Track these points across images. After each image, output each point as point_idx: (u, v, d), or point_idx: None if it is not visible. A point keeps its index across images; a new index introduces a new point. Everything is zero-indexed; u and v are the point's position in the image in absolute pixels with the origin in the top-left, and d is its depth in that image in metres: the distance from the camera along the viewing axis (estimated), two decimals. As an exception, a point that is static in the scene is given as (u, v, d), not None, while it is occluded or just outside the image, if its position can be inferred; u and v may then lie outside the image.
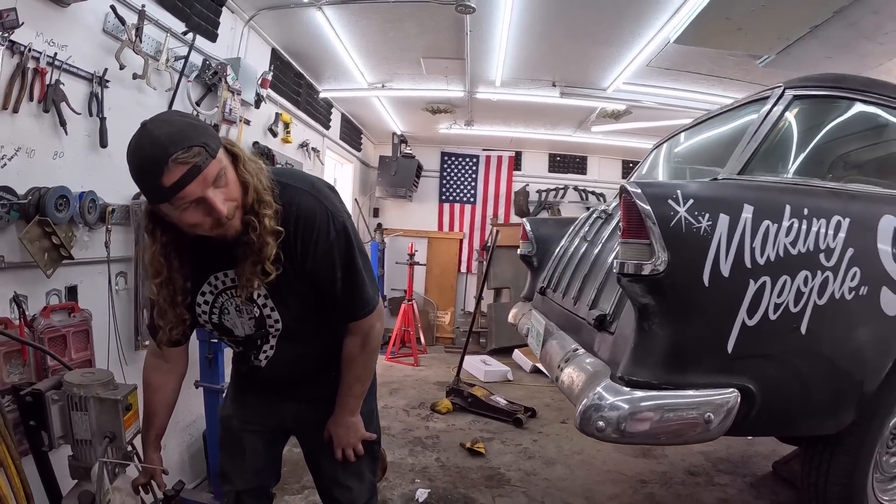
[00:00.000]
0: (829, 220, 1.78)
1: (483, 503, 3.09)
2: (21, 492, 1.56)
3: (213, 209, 1.27)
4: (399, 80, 5.13)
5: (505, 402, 4.67)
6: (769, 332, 1.71)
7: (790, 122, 2.16)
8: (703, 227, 1.64)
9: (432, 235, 8.33)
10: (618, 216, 2.39)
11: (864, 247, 1.82)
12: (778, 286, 1.70)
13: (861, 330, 1.83)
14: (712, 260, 1.65)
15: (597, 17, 3.59)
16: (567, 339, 2.39)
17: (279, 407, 1.78)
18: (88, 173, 2.33)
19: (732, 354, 1.69)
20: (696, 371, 1.69)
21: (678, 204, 1.64)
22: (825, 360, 1.81)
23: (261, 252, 1.35)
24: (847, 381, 1.84)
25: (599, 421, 1.65)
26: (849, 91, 2.17)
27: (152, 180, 1.20)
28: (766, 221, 1.70)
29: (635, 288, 1.70)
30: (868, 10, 2.99)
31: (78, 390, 1.63)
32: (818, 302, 1.74)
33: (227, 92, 3.14)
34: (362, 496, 1.84)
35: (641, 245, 1.65)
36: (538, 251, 3.52)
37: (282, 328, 1.55)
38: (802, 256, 1.73)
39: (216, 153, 1.27)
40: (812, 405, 1.85)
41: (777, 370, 1.77)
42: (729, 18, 3.27)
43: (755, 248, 1.69)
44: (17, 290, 2.02)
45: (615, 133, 6.55)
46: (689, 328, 1.70)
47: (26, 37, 1.95)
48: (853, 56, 3.65)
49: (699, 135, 3.00)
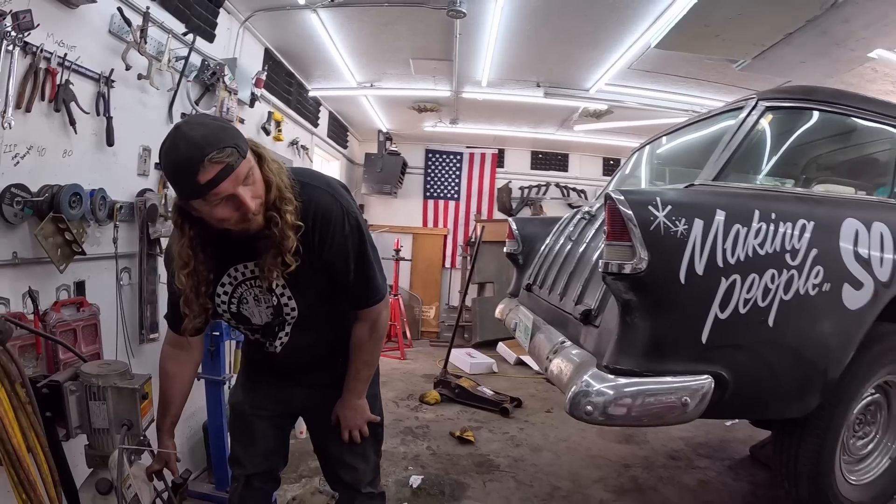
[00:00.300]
0: (794, 223, 1.95)
1: (475, 488, 3.21)
2: (49, 477, 1.63)
3: (242, 205, 1.37)
4: (388, 80, 5.23)
5: (491, 393, 4.79)
6: (739, 324, 1.87)
7: (762, 132, 2.33)
8: (679, 231, 1.80)
9: (417, 231, 8.43)
10: (601, 217, 2.54)
11: (827, 247, 1.99)
12: (747, 283, 1.87)
13: (824, 322, 2.01)
14: (688, 260, 1.81)
15: (582, 23, 3.74)
16: (554, 332, 2.53)
17: (289, 392, 1.88)
18: (95, 171, 2.40)
19: (707, 344, 1.85)
20: (673, 359, 1.86)
21: (657, 210, 1.79)
22: (791, 350, 1.98)
23: (282, 245, 1.46)
24: (812, 369, 2.01)
25: (587, 406, 1.81)
26: (818, 102, 2.35)
27: (189, 178, 1.30)
28: (736, 225, 1.87)
29: (619, 285, 1.85)
30: (839, 19, 3.17)
31: (97, 380, 1.71)
32: (784, 297, 1.91)
33: (224, 91, 3.21)
34: (367, 476, 1.95)
35: (624, 246, 1.80)
36: (524, 249, 3.64)
37: (297, 316, 1.66)
38: (770, 256, 1.90)
39: (246, 153, 1.37)
40: (780, 390, 2.02)
41: (747, 358, 1.94)
42: (707, 25, 3.44)
43: (726, 248, 1.85)
44: (30, 286, 2.09)
45: (597, 132, 6.73)
46: (667, 321, 1.86)
47: (38, 38, 2.01)
48: (825, 61, 3.85)
49: (680, 139, 3.16)
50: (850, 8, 3.03)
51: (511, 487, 3.23)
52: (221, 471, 2.93)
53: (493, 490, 3.18)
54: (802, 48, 3.65)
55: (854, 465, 2.39)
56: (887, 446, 2.44)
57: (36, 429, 1.63)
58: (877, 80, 4.28)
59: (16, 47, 1.91)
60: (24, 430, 1.58)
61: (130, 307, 2.67)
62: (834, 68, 3.99)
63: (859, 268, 2.04)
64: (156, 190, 2.81)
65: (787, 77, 4.29)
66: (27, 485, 1.53)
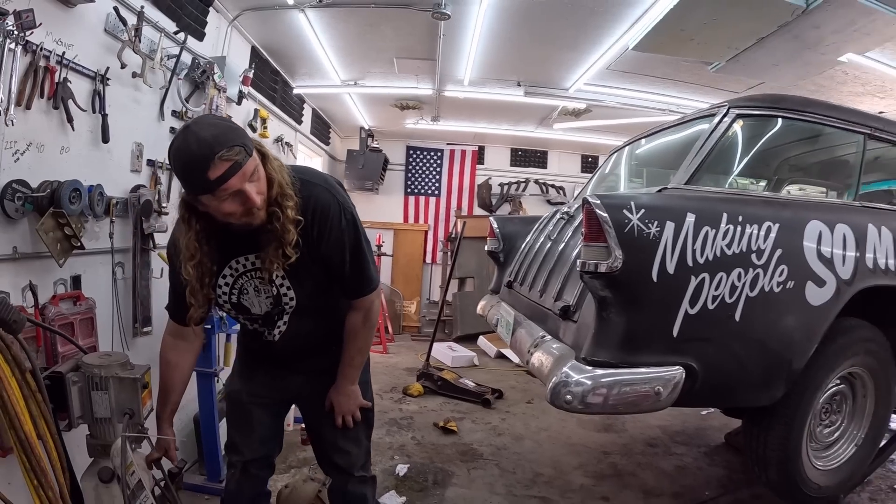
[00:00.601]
0: (760, 225, 2.08)
1: (459, 475, 3.32)
2: (58, 463, 1.68)
3: (248, 200, 1.46)
4: (371, 78, 5.30)
5: (473, 385, 4.92)
6: (708, 319, 2.00)
7: (733, 139, 2.46)
8: (652, 233, 1.92)
9: (398, 227, 8.52)
10: (579, 217, 2.67)
11: (791, 248, 2.13)
12: (715, 281, 2.00)
13: (788, 317, 2.14)
14: (660, 259, 1.93)
15: (562, 25, 3.87)
16: (535, 327, 2.64)
17: (285, 380, 1.97)
18: (91, 167, 2.44)
19: (677, 338, 1.97)
20: (647, 352, 1.98)
21: (631, 213, 1.91)
22: (757, 343, 2.11)
23: (283, 238, 1.55)
24: (777, 360, 2.15)
25: (567, 395, 1.93)
26: (786, 110, 2.48)
27: (199, 174, 1.39)
28: (705, 227, 1.99)
29: (595, 283, 1.96)
30: (809, 25, 3.34)
31: (99, 371, 1.77)
32: (750, 294, 2.04)
33: (213, 89, 3.26)
34: (360, 459, 2.05)
35: (600, 247, 1.91)
36: (505, 247, 3.74)
37: (295, 305, 1.75)
38: (737, 256, 2.03)
39: (252, 152, 1.47)
40: (747, 380, 2.15)
41: (716, 351, 2.07)
42: (683, 30, 3.59)
43: (696, 249, 1.97)
44: (30, 280, 2.13)
45: (575, 130, 6.89)
46: (640, 316, 1.98)
47: (38, 36, 2.05)
48: (797, 64, 4.04)
49: (656, 141, 3.29)
50: (820, 14, 3.19)
51: (495, 474, 3.35)
52: (213, 462, 3.00)
53: (478, 477, 3.30)
54: (775, 52, 3.83)
55: (821, 452, 2.53)
56: (853, 434, 2.58)
57: (46, 416, 1.69)
58: (847, 83, 4.49)
59: (18, 46, 1.95)
60: (35, 418, 1.63)
61: (124, 301, 2.71)
62: (805, 71, 4.18)
63: (822, 267, 2.17)
64: (148, 186, 2.85)
65: (760, 79, 4.48)
66: (38, 470, 1.59)
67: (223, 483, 2.84)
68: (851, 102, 4.98)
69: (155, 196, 2.81)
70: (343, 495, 2.08)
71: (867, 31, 3.38)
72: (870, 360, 2.48)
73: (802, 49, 3.75)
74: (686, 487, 3.17)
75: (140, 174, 2.82)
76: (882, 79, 4.33)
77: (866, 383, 2.55)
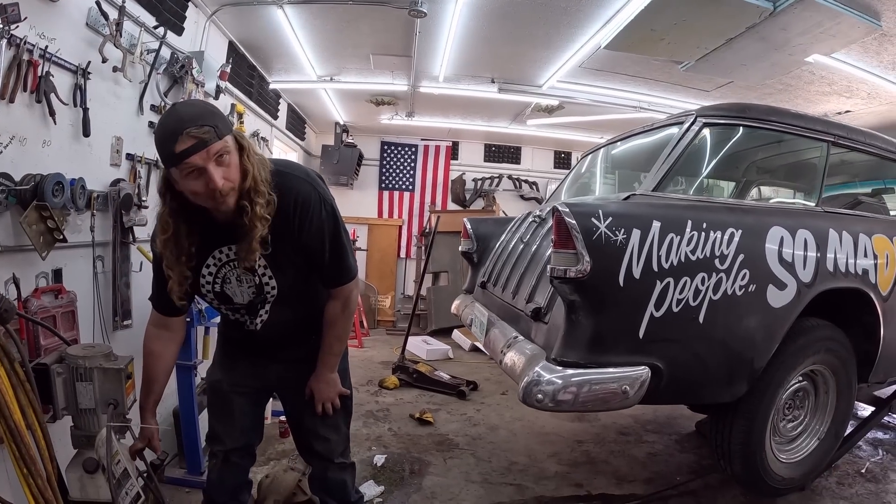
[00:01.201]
0: (724, 231, 2.19)
1: (436, 464, 3.40)
2: (46, 453, 1.71)
3: (210, 180, 1.51)
4: (347, 74, 5.34)
5: (448, 377, 5.00)
6: (672, 321, 2.11)
7: (700, 147, 2.56)
8: (619, 240, 2.01)
9: (372, 222, 8.56)
10: (550, 221, 2.77)
11: (753, 253, 2.24)
12: (679, 285, 2.10)
13: (750, 319, 2.26)
14: (626, 265, 2.02)
15: (536, 24, 3.96)
16: (507, 328, 2.72)
17: (265, 369, 2.02)
18: (72, 161, 2.45)
19: (643, 339, 2.08)
20: (614, 352, 2.08)
21: (599, 221, 2.00)
22: (720, 343, 2.23)
23: (250, 234, 1.61)
24: (739, 360, 2.27)
25: (539, 394, 2.03)
26: (751, 120, 2.59)
27: (168, 146, 1.47)
28: (670, 234, 2.09)
29: (564, 288, 2.05)
30: (777, 27, 3.50)
31: (83, 362, 1.81)
32: (713, 297, 2.16)
33: (192, 84, 3.27)
34: (339, 446, 2.12)
35: (569, 254, 2.00)
36: (478, 248, 3.82)
37: (277, 294, 1.81)
38: (700, 261, 2.14)
39: (223, 136, 1.53)
40: (710, 378, 2.27)
41: (680, 351, 2.18)
42: (654, 30, 3.72)
43: (661, 255, 2.07)
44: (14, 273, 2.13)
45: (548, 126, 7.02)
46: (607, 319, 2.07)
47: (21, 30, 2.06)
48: (765, 64, 4.21)
49: (627, 145, 3.40)
50: (787, 17, 3.34)
51: (471, 463, 3.43)
52: (193, 455, 3.01)
53: (454, 466, 3.38)
54: (743, 52, 3.97)
55: (785, 446, 2.67)
56: (815, 429, 2.73)
57: (34, 406, 1.72)
58: (814, 82, 4.70)
59: (3, 39, 1.96)
60: (23, 408, 1.66)
61: (104, 294, 2.72)
62: (773, 71, 4.37)
63: (783, 270, 2.29)
64: (128, 180, 2.86)
65: (729, 78, 4.65)
66: (28, 459, 1.62)
67: (204, 476, 2.88)
68: (818, 102, 5.22)
69: (135, 190, 2.82)
70: (323, 482, 2.14)
71: (833, 32, 3.54)
72: (831, 358, 2.61)
73: (770, 50, 3.90)
74: (658, 473, 3.30)
75: (119, 168, 2.83)
76: (848, 79, 4.54)
77: (828, 380, 2.69)
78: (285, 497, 2.62)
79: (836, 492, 3.02)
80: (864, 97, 4.98)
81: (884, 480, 3.21)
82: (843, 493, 3.04)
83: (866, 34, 3.56)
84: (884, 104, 5.09)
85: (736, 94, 5.21)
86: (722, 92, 5.15)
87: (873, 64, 4.16)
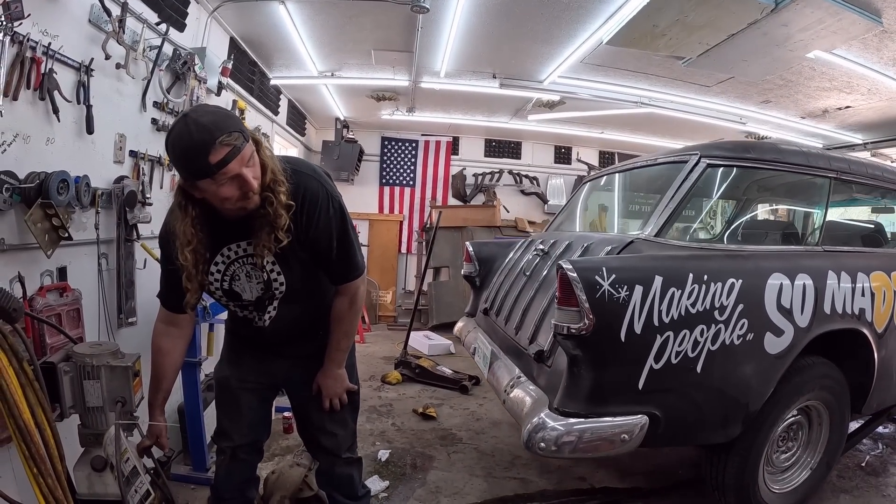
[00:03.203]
0: (724, 282, 2.21)
1: (440, 459, 3.42)
2: (55, 451, 1.72)
3: (245, 183, 1.53)
4: (348, 69, 5.33)
5: (450, 372, 5.02)
6: (671, 372, 2.13)
7: (702, 188, 2.58)
8: (622, 297, 2.03)
9: (373, 218, 8.55)
10: (554, 255, 2.84)
11: (752, 302, 2.27)
12: (679, 338, 2.13)
13: (746, 366, 2.29)
14: (628, 321, 2.05)
15: (538, 20, 3.96)
16: (511, 364, 2.74)
17: (273, 365, 2.04)
18: (76, 158, 2.44)
19: (642, 390, 2.11)
20: (614, 403, 2.11)
21: (602, 279, 2.02)
22: (716, 390, 2.26)
23: (275, 222, 1.62)
24: (734, 405, 2.30)
25: (541, 442, 2.08)
26: (755, 161, 2.61)
27: (200, 159, 1.45)
28: (672, 288, 2.11)
29: (567, 343, 2.08)
30: (778, 23, 3.50)
31: (90, 360, 1.80)
32: (711, 348, 2.19)
33: (194, 80, 3.26)
34: (346, 441, 2.14)
35: (572, 311, 2.02)
36: (481, 272, 3.82)
37: (285, 290, 1.82)
38: (700, 314, 2.16)
39: (249, 138, 1.54)
40: (705, 423, 2.30)
41: (677, 399, 2.21)
42: (656, 26, 3.72)
43: (662, 310, 2.09)
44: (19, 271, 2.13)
45: (549, 121, 7.00)
46: (608, 372, 2.10)
47: (24, 27, 2.04)
48: (766, 60, 4.21)
49: (629, 177, 3.45)
50: (788, 13, 3.34)
51: (474, 457, 3.46)
52: (198, 452, 3.02)
53: (458, 460, 3.41)
54: (744, 48, 3.98)
55: (778, 476, 2.70)
56: (807, 461, 2.75)
57: (43, 405, 1.72)
58: (815, 78, 4.71)
59: (6, 36, 1.95)
60: (32, 407, 1.67)
61: (109, 292, 2.72)
62: (773, 67, 4.37)
63: (781, 317, 2.32)
64: (131, 177, 2.86)
65: (730, 73, 4.66)
66: (37, 458, 1.62)
67: (209, 472, 2.89)
68: (819, 97, 5.23)
69: (139, 187, 2.82)
70: (331, 477, 2.17)
71: (834, 29, 3.55)
72: (825, 394, 2.64)
73: (771, 46, 3.91)
74: (659, 467, 3.33)
75: (123, 165, 2.82)
76: (848, 75, 4.55)
77: (822, 414, 2.72)
78: (292, 493, 2.63)
79: (837, 485, 3.05)
80: (864, 93, 4.99)
81: (884, 474, 3.24)
82: (843, 486, 3.07)
83: (867, 31, 3.56)
84: (884, 100, 5.11)
85: (737, 90, 5.22)
86: (723, 87, 5.16)
87: (873, 60, 4.16)
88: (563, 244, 2.93)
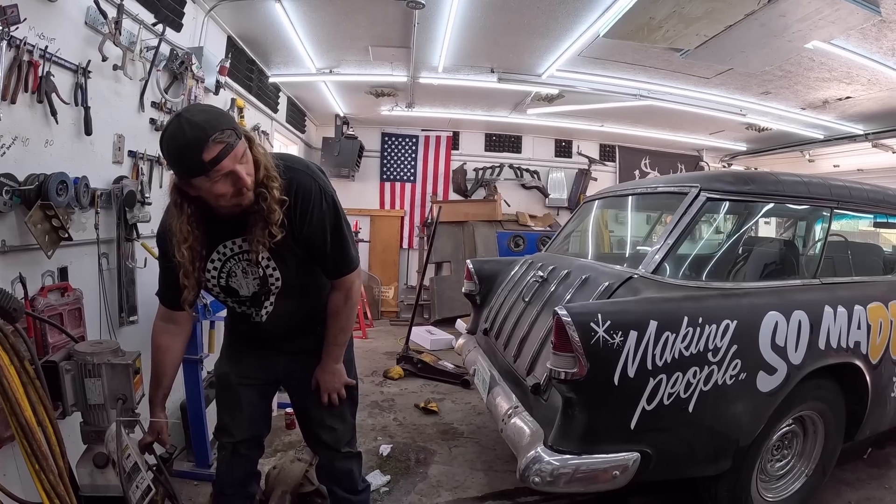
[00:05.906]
0: (719, 324, 2.21)
1: (441, 453, 3.45)
2: (57, 448, 1.74)
3: (239, 180, 1.55)
4: (346, 66, 5.34)
5: (452, 367, 5.04)
6: (663, 413, 2.15)
7: (702, 222, 2.58)
8: (616, 343, 2.05)
9: (374, 213, 8.57)
10: (554, 283, 2.86)
11: (746, 342, 2.27)
12: (672, 380, 2.14)
13: (738, 404, 2.29)
14: (622, 366, 2.06)
15: (535, 13, 3.95)
16: (509, 392, 2.75)
17: (272, 360, 2.05)
18: (74, 160, 2.47)
19: (634, 430, 2.12)
20: (606, 442, 2.13)
21: (598, 325, 2.03)
22: (707, 429, 2.26)
23: (269, 217, 1.64)
24: (724, 441, 2.31)
25: (536, 476, 2.11)
26: (756, 195, 2.60)
27: (194, 157, 1.47)
28: (666, 332, 2.12)
29: (562, 387, 2.10)
30: (776, 13, 3.49)
31: (91, 358, 1.83)
32: (704, 389, 2.19)
33: (192, 80, 3.28)
34: (346, 436, 2.16)
35: (567, 357, 2.04)
36: (481, 290, 3.82)
37: (281, 285, 1.84)
38: (694, 356, 2.17)
39: (241, 136, 1.56)
40: (696, 459, 2.31)
41: (669, 437, 2.22)
42: (652, 18, 3.71)
43: (656, 354, 2.10)
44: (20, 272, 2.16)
45: (549, 115, 6.99)
46: (601, 414, 2.12)
47: (21, 31, 2.07)
48: (764, 51, 4.20)
49: (629, 203, 3.44)
50: (785, 3, 3.34)
51: (475, 452, 3.49)
52: (201, 448, 3.05)
53: (459, 455, 3.44)
54: (742, 39, 3.97)
55: (772, 484, 2.70)
56: (801, 469, 2.75)
57: (44, 403, 1.74)
58: (814, 69, 4.69)
59: (3, 41, 1.97)
60: (34, 405, 1.69)
61: (110, 291, 2.75)
62: (772, 57, 4.36)
63: (774, 356, 2.32)
64: (130, 177, 2.88)
65: (728, 65, 4.65)
66: (39, 455, 1.64)
67: (211, 469, 2.92)
68: (818, 88, 5.21)
69: (138, 187, 2.84)
70: (330, 471, 2.18)
71: (832, 19, 3.53)
72: (820, 404, 2.64)
73: (769, 37, 3.89)
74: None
75: (122, 165, 2.85)
76: (848, 65, 4.53)
77: (816, 423, 2.72)
78: (293, 487, 2.66)
79: (839, 476, 3.05)
80: (864, 83, 4.97)
81: (885, 466, 3.25)
82: (845, 477, 3.08)
83: (865, 20, 3.55)
84: (884, 90, 5.08)
85: (736, 81, 5.20)
86: (722, 79, 5.14)
87: (873, 50, 4.14)
88: (561, 272, 2.94)
